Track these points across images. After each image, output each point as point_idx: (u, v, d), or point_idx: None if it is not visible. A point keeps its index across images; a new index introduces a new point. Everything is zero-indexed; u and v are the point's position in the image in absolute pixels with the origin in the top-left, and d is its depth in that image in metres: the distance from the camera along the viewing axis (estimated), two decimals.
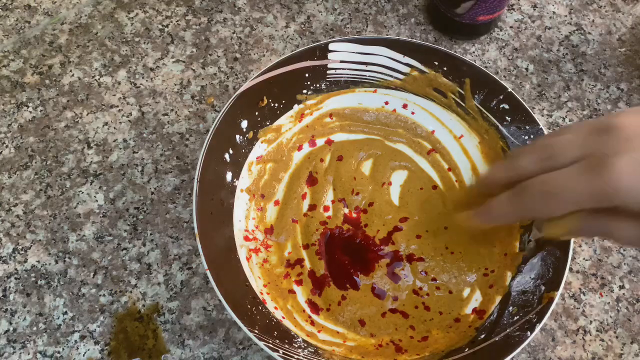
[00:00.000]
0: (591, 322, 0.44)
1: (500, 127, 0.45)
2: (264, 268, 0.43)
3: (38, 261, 0.46)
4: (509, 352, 0.36)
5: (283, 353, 0.36)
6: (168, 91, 0.53)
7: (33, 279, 0.45)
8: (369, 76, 0.48)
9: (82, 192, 0.48)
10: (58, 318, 0.44)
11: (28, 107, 0.52)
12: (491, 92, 0.45)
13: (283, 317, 0.41)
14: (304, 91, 0.47)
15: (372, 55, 0.47)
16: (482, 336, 0.40)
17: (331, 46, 0.46)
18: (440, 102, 0.48)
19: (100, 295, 0.45)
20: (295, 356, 0.37)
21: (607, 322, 0.44)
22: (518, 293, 0.41)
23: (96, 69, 0.54)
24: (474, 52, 0.55)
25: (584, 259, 0.47)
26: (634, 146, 0.28)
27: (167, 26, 0.56)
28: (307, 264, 0.44)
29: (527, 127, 0.44)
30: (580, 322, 0.44)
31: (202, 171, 0.41)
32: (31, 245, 0.46)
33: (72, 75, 0.54)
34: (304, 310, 0.42)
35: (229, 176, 0.43)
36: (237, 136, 0.44)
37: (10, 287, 0.45)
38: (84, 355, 0.43)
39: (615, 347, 0.43)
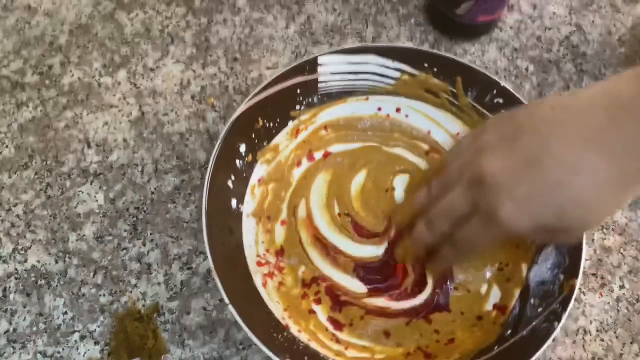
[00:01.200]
0: (591, 322, 0.44)
1: None
2: (281, 291, 0.43)
3: (38, 261, 0.46)
4: (540, 344, 0.36)
5: None
6: (168, 91, 0.53)
7: (33, 279, 0.45)
8: (360, 85, 0.48)
9: (82, 192, 0.48)
10: (58, 318, 0.44)
11: (28, 107, 0.52)
12: (484, 87, 0.45)
13: (309, 340, 0.40)
14: (297, 107, 0.47)
15: (362, 64, 0.47)
16: (509, 332, 0.40)
17: (320, 60, 0.46)
18: (433, 102, 0.48)
19: (100, 295, 0.45)
20: None
21: (607, 322, 0.44)
22: (537, 284, 0.41)
23: (96, 69, 0.54)
24: (474, 53, 0.55)
25: (584, 259, 0.46)
26: (506, 193, 0.34)
27: (167, 26, 0.56)
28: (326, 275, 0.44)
29: None
30: (580, 322, 0.44)
31: (209, 200, 0.40)
32: (31, 245, 0.46)
33: (72, 75, 0.54)
34: (327, 329, 0.42)
35: (234, 203, 0.43)
36: (237, 161, 0.44)
37: (10, 287, 0.45)
38: (84, 355, 0.43)
39: (615, 347, 0.43)
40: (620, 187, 0.33)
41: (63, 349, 0.43)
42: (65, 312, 0.44)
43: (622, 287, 0.46)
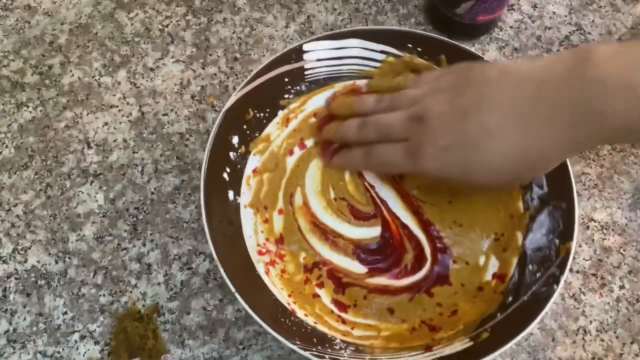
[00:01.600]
0: (591, 322, 0.44)
1: None
2: (284, 278, 0.43)
3: (38, 261, 0.46)
4: (541, 307, 0.37)
5: (330, 358, 0.36)
6: (168, 91, 0.53)
7: (33, 279, 0.45)
8: (347, 70, 0.48)
9: (82, 192, 0.48)
10: (58, 318, 0.44)
11: (28, 107, 0.52)
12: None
13: (315, 323, 0.41)
14: (286, 96, 0.47)
15: (347, 49, 0.47)
16: (510, 299, 0.40)
17: (305, 47, 0.46)
18: None
19: (100, 295, 0.45)
20: (341, 358, 0.37)
21: (607, 322, 0.44)
22: (533, 251, 0.42)
23: (96, 69, 0.54)
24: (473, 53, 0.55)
25: (584, 259, 0.47)
26: (434, 137, 0.38)
27: (167, 26, 0.56)
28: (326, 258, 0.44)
29: None
30: (580, 322, 0.44)
31: (206, 195, 0.40)
32: (31, 245, 0.46)
33: (72, 75, 0.54)
34: (332, 312, 0.42)
35: (231, 195, 0.43)
36: (231, 153, 0.44)
37: (10, 287, 0.45)
38: (84, 355, 0.43)
39: (615, 347, 0.43)
40: (523, 161, 0.36)
41: (63, 349, 0.43)
42: (65, 312, 0.44)
43: (622, 287, 0.46)
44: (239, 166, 0.45)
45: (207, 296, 0.45)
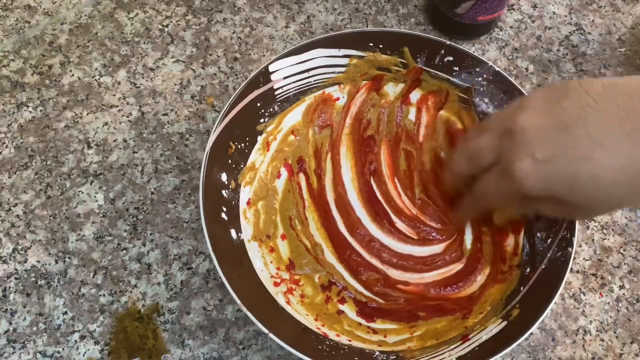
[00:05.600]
0: (591, 322, 0.44)
1: (451, 78, 0.47)
2: (306, 303, 0.43)
3: (38, 261, 0.46)
4: (563, 273, 0.38)
5: None
6: (168, 91, 0.53)
7: (33, 279, 0.45)
8: (314, 81, 0.48)
9: (82, 192, 0.48)
10: (58, 318, 0.44)
11: (28, 107, 0.52)
12: (432, 50, 0.46)
13: (350, 341, 0.41)
14: (261, 120, 0.46)
15: (310, 61, 0.47)
16: (528, 270, 0.41)
17: (271, 67, 0.46)
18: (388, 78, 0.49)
19: (100, 295, 0.45)
20: None
21: (607, 322, 0.44)
22: (538, 218, 0.42)
23: (96, 69, 0.54)
24: (473, 52, 0.55)
25: (584, 259, 0.47)
26: (529, 150, 0.34)
27: (167, 26, 0.56)
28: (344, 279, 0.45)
29: (477, 69, 0.46)
30: (580, 322, 0.44)
31: (212, 242, 0.39)
32: (31, 245, 0.46)
33: (72, 75, 0.54)
34: (360, 324, 0.42)
35: (233, 234, 0.43)
36: (224, 191, 0.43)
37: (10, 287, 0.45)
38: (84, 355, 0.43)
39: (615, 347, 0.43)
40: (638, 175, 0.32)
41: (63, 349, 0.43)
42: (65, 312, 0.44)
43: (622, 287, 0.46)
44: (233, 202, 0.44)
45: (207, 296, 0.45)
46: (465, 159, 0.40)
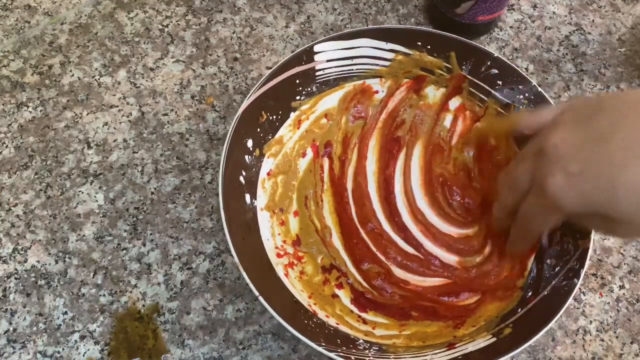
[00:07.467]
0: (591, 322, 0.44)
1: (492, 92, 0.46)
2: (303, 280, 0.43)
3: (38, 261, 0.46)
4: (562, 302, 0.37)
5: (355, 359, 0.36)
6: (168, 91, 0.53)
7: (33, 279, 0.45)
8: (356, 69, 0.48)
9: (82, 192, 0.48)
10: (58, 318, 0.44)
11: (28, 107, 0.52)
12: (478, 60, 0.46)
13: (337, 324, 0.41)
14: (297, 97, 0.47)
15: (356, 49, 0.47)
16: (530, 294, 0.40)
17: (316, 48, 0.46)
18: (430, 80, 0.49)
19: (100, 295, 0.45)
20: (366, 358, 0.37)
21: (607, 322, 0.44)
22: (550, 244, 0.42)
23: (96, 69, 0.54)
24: None
25: None
26: (562, 165, 0.33)
27: (167, 26, 0.56)
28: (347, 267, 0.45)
29: (520, 87, 0.45)
30: (580, 322, 0.44)
31: (225, 198, 0.40)
32: (31, 245, 0.46)
33: (72, 75, 0.54)
34: (352, 312, 0.42)
35: (247, 198, 0.43)
36: (246, 157, 0.44)
37: (10, 287, 0.45)
38: (84, 355, 0.43)
39: (615, 347, 0.43)
40: None
41: (63, 349, 0.43)
42: (65, 312, 0.44)
43: (622, 287, 0.46)
44: (254, 169, 0.44)
45: (207, 296, 0.45)
46: (507, 189, 0.39)
